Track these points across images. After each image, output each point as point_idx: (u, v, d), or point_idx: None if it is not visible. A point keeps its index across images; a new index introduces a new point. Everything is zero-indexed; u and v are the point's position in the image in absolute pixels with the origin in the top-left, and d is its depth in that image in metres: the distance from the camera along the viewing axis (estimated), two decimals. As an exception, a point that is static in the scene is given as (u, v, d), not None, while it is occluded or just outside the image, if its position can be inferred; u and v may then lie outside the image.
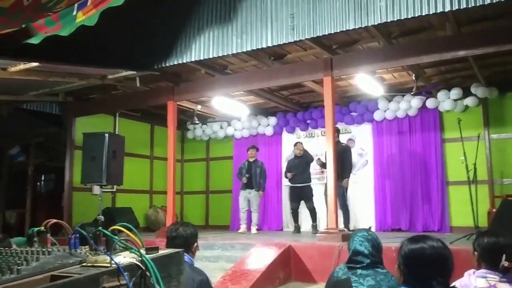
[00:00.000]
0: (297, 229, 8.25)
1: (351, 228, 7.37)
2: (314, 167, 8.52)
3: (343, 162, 7.27)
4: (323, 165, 7.70)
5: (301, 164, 8.14)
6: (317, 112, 9.25)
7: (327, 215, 6.32)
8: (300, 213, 8.39)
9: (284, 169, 8.94)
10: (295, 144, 8.48)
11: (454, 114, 7.99)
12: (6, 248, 1.45)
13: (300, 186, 8.07)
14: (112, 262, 1.23)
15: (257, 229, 8.50)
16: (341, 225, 7.03)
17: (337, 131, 7.64)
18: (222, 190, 10.52)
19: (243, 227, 8.28)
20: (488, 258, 2.39)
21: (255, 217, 8.35)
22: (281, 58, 7.01)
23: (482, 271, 2.37)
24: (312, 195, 8.08)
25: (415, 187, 8.48)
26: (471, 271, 2.43)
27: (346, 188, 7.53)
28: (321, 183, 8.36)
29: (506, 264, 2.31)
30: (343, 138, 8.90)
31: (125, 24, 6.63)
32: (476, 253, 2.47)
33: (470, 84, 7.88)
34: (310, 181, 8.17)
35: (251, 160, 8.47)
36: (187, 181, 11.15)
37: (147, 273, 1.29)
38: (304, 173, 8.10)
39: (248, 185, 8.30)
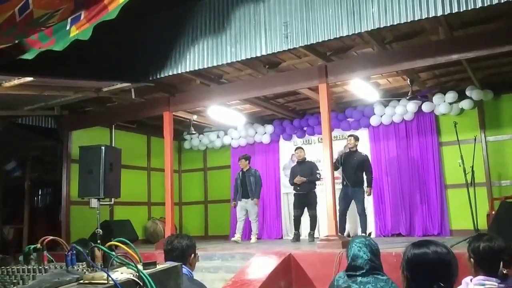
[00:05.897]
0: (297, 237, 8.11)
1: (352, 234, 7.34)
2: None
3: (366, 172, 7.57)
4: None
5: (304, 170, 8.05)
6: (314, 118, 9.25)
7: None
8: (302, 221, 8.29)
9: (284, 177, 8.86)
10: (295, 150, 8.48)
11: (450, 117, 8.01)
12: (2, 267, 1.43)
13: (305, 193, 8.02)
14: (109, 278, 1.21)
15: (257, 238, 8.44)
16: (359, 230, 7.11)
17: (356, 139, 7.71)
18: (220, 200, 10.48)
19: (237, 236, 8.21)
20: (485, 265, 2.33)
21: (254, 226, 8.29)
22: (276, 66, 7.02)
23: (480, 278, 2.30)
24: (316, 203, 8.01)
25: (413, 191, 8.47)
26: (468, 279, 2.36)
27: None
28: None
29: (504, 271, 2.26)
30: (340, 144, 8.85)
31: (119, 36, 6.64)
32: (472, 259, 2.40)
33: (465, 87, 7.92)
34: (315, 188, 8.11)
35: (244, 169, 8.44)
36: (185, 191, 11.11)
37: (145, 288, 1.27)
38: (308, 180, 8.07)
39: (244, 195, 8.25)
